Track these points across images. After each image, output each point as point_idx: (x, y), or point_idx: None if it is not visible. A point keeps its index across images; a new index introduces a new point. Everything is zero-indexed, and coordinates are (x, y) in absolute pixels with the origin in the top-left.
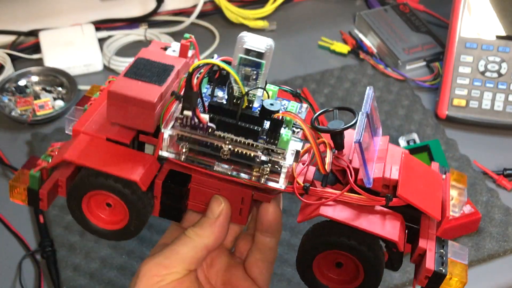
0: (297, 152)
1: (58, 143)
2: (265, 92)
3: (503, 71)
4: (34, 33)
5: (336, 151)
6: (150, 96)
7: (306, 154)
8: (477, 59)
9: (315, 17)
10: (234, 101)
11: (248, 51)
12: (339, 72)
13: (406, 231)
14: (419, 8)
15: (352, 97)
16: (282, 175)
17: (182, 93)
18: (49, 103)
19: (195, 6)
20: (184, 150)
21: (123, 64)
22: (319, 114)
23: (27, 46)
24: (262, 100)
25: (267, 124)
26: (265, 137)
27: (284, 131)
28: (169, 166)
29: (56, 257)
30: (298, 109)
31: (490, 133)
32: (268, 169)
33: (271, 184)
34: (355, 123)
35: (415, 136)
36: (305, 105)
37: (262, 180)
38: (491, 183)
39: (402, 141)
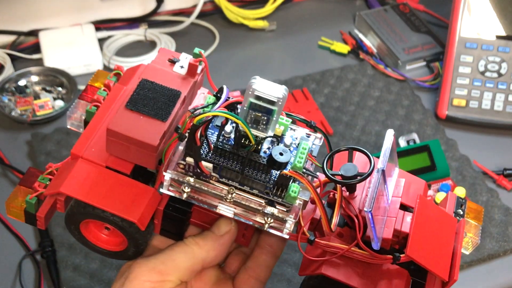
0: (305, 202)
1: (56, 165)
2: (277, 127)
3: (503, 71)
4: (34, 33)
5: (348, 193)
6: (152, 138)
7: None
8: (477, 59)
9: (315, 17)
10: (242, 141)
11: (259, 96)
12: (339, 72)
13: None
14: (419, 8)
15: (352, 97)
16: (287, 226)
17: (185, 133)
18: (49, 103)
19: (195, 6)
20: (186, 190)
21: (123, 64)
22: (331, 155)
23: (27, 46)
24: (272, 148)
25: (274, 172)
26: (271, 186)
27: (293, 185)
28: None
29: (56, 257)
30: (312, 142)
31: (490, 133)
32: (272, 220)
33: (275, 232)
34: (370, 173)
35: (415, 136)
36: (319, 135)
37: (266, 227)
38: (491, 183)
39: (402, 141)
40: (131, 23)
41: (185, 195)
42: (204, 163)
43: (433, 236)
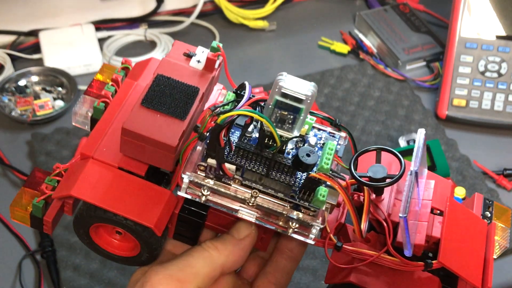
0: (332, 206)
1: (65, 165)
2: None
3: (503, 71)
4: (34, 33)
5: (374, 196)
6: (170, 138)
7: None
8: (477, 59)
9: (315, 17)
10: (266, 141)
11: (286, 94)
12: (339, 72)
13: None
14: (419, 8)
15: (352, 97)
16: (314, 231)
17: (205, 133)
18: (49, 103)
19: (195, 6)
20: (205, 193)
21: None
22: (358, 156)
23: (27, 46)
24: (298, 148)
25: (299, 174)
26: (297, 189)
27: (321, 189)
28: None
29: (56, 257)
30: (337, 141)
31: (490, 133)
32: (297, 225)
33: (299, 237)
34: (401, 175)
35: (415, 136)
36: (343, 134)
37: (290, 232)
38: (491, 183)
39: (402, 141)
40: (131, 23)
41: (204, 198)
42: (226, 165)
43: (464, 241)
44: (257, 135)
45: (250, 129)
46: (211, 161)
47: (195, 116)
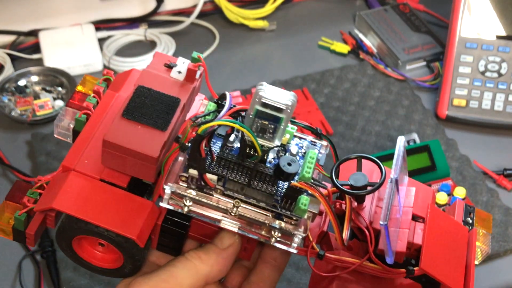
0: (314, 214)
1: (46, 177)
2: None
3: (503, 71)
4: (34, 33)
5: (356, 204)
6: (152, 149)
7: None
8: (477, 59)
9: (315, 17)
10: (247, 151)
11: (266, 103)
12: (339, 72)
13: None
14: (419, 8)
15: (352, 97)
16: (296, 240)
17: (187, 144)
18: (49, 103)
19: (195, 6)
20: (187, 203)
21: (123, 64)
22: (339, 164)
23: (27, 46)
24: (279, 157)
25: (281, 183)
26: (279, 198)
27: (302, 198)
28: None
29: (56, 257)
30: (318, 150)
31: (490, 133)
32: (280, 234)
33: (282, 246)
34: (381, 183)
35: (415, 136)
36: (325, 143)
37: (272, 241)
38: (491, 183)
39: None
40: (131, 23)
41: (186, 209)
42: (208, 175)
43: (445, 248)
44: (238, 145)
45: (231, 139)
46: (193, 172)
47: (176, 127)
